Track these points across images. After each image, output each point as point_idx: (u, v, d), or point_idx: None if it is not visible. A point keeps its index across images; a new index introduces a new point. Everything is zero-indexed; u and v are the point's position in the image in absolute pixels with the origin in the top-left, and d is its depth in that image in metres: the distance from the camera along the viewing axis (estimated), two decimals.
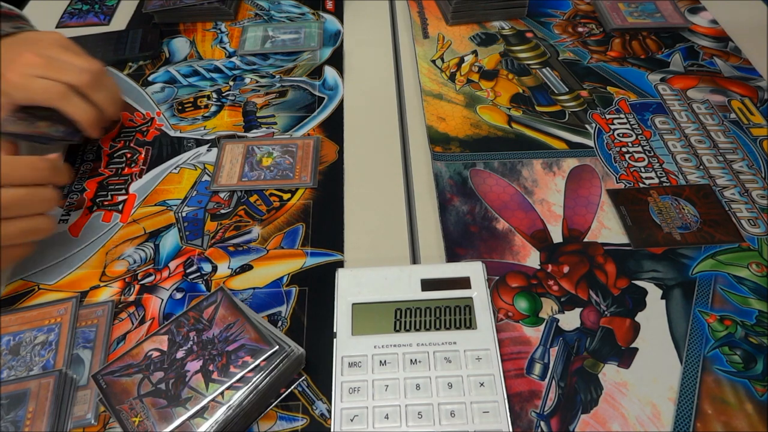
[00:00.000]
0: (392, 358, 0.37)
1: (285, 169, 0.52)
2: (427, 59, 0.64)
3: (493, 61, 0.64)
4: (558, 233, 0.46)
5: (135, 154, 0.54)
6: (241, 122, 0.57)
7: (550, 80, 0.61)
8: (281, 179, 0.51)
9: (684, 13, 0.70)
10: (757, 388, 0.37)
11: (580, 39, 0.67)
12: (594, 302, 0.42)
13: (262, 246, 0.46)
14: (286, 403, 0.37)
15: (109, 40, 0.67)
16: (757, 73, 0.61)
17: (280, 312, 0.42)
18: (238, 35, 0.68)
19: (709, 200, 0.48)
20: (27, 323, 0.41)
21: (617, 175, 0.51)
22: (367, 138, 0.56)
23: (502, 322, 0.41)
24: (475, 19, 0.70)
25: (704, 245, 0.45)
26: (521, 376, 0.38)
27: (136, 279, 0.44)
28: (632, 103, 0.58)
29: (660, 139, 0.54)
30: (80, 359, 0.39)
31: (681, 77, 0.61)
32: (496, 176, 0.51)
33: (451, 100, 0.59)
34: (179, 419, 0.33)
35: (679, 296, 0.42)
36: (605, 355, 0.39)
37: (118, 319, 0.41)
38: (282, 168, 0.52)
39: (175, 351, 0.36)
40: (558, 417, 0.36)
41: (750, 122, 0.56)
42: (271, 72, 0.63)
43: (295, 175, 0.51)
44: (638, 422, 0.36)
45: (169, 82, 0.62)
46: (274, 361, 0.35)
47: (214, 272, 0.44)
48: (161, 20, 0.70)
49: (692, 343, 0.40)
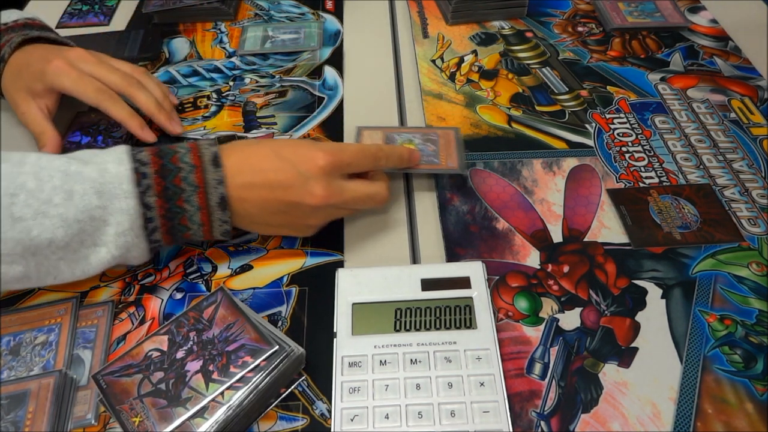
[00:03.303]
0: (392, 358, 0.37)
1: (429, 155, 0.49)
2: (427, 59, 0.64)
3: (493, 61, 0.64)
4: (558, 233, 0.46)
5: None
6: (241, 122, 0.57)
7: (550, 80, 0.61)
8: (427, 164, 0.48)
9: (684, 13, 0.70)
10: (758, 387, 0.37)
11: (580, 38, 0.67)
12: (594, 302, 0.42)
13: (262, 246, 0.46)
14: (286, 403, 0.37)
15: (110, 41, 0.67)
16: (757, 72, 0.61)
17: (280, 312, 0.42)
18: (237, 35, 0.68)
19: (709, 200, 0.48)
20: (27, 323, 0.41)
21: (617, 174, 0.51)
22: None
23: (502, 322, 0.41)
24: (474, 19, 0.70)
25: (704, 245, 0.45)
26: (521, 376, 0.38)
27: (136, 279, 0.44)
28: (632, 103, 0.58)
29: (660, 138, 0.54)
30: (80, 359, 0.39)
31: (681, 77, 0.61)
32: (496, 176, 0.51)
33: (451, 99, 0.59)
34: (179, 419, 0.33)
35: (679, 296, 0.42)
36: (605, 354, 0.39)
37: (118, 320, 0.41)
38: (426, 154, 0.49)
39: (175, 351, 0.36)
40: (558, 417, 0.36)
41: (750, 122, 0.56)
42: (271, 72, 0.63)
43: (441, 161, 0.48)
44: (638, 422, 0.36)
45: (168, 82, 0.62)
46: (274, 361, 0.35)
47: (214, 272, 0.44)
48: (161, 20, 0.70)
49: (692, 343, 0.40)
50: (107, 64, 0.53)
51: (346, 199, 0.42)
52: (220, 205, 0.39)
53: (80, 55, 0.51)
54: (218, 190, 0.39)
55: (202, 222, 0.39)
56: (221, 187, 0.39)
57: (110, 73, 0.52)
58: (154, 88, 0.55)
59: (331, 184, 0.41)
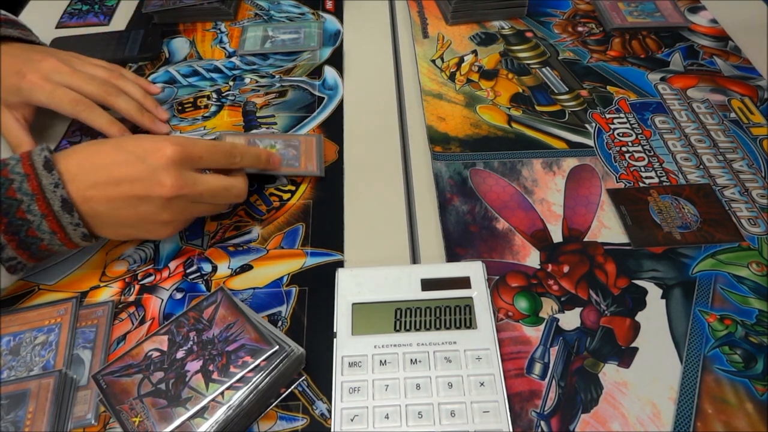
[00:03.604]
0: (392, 358, 0.37)
1: (289, 159, 0.51)
2: (426, 59, 0.64)
3: (493, 61, 0.64)
4: (558, 233, 0.46)
5: None
6: (241, 122, 0.57)
7: (550, 80, 0.61)
8: (287, 167, 0.51)
9: (684, 13, 0.70)
10: (758, 387, 0.37)
11: (579, 38, 0.67)
12: (594, 302, 0.42)
13: (262, 246, 0.46)
14: (286, 403, 0.37)
15: (110, 41, 0.67)
16: (757, 72, 0.61)
17: (280, 312, 0.42)
18: (237, 35, 0.68)
19: (709, 200, 0.48)
20: (27, 323, 0.41)
21: (617, 174, 0.51)
22: (367, 138, 0.56)
23: (502, 322, 0.41)
24: (474, 19, 0.70)
25: (704, 245, 0.45)
26: (521, 376, 0.38)
27: (136, 279, 0.44)
28: (632, 103, 0.58)
29: (660, 138, 0.54)
30: (80, 359, 0.39)
31: (681, 77, 0.61)
32: (496, 176, 0.51)
33: (451, 99, 0.59)
34: (179, 419, 0.33)
35: (679, 296, 0.42)
36: (605, 354, 0.39)
37: (118, 320, 0.41)
38: (287, 158, 0.51)
39: (175, 351, 0.36)
40: (558, 417, 0.36)
41: (750, 121, 0.56)
42: (271, 72, 0.63)
43: (301, 165, 0.51)
44: (638, 422, 0.36)
45: (168, 82, 0.62)
46: (274, 361, 0.35)
47: (214, 272, 0.44)
48: (161, 20, 0.70)
49: (692, 343, 0.40)
50: (82, 72, 0.51)
51: (200, 190, 0.41)
52: (65, 208, 0.38)
53: (54, 66, 0.50)
54: (57, 194, 0.37)
55: (53, 230, 0.38)
56: (60, 189, 0.37)
57: (86, 83, 0.51)
58: (132, 90, 0.54)
59: (182, 174, 0.40)
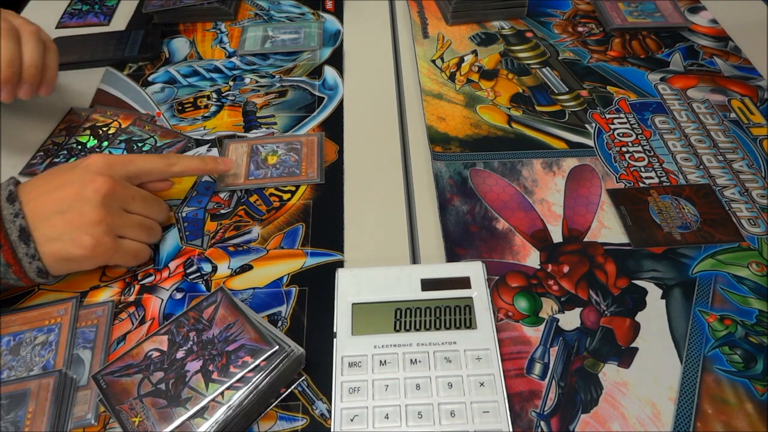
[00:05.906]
0: (392, 358, 0.37)
1: (291, 166, 0.52)
2: (427, 59, 0.64)
3: (493, 61, 0.64)
4: (558, 233, 0.46)
5: None
6: (241, 122, 0.57)
7: (550, 80, 0.61)
8: (288, 176, 0.51)
9: (684, 13, 0.70)
10: (758, 387, 0.37)
11: (580, 39, 0.67)
12: (594, 302, 0.42)
13: (262, 246, 0.46)
14: (286, 403, 0.37)
15: (110, 41, 0.67)
16: (757, 72, 0.61)
17: (280, 312, 0.42)
18: (237, 35, 0.68)
19: (709, 200, 0.48)
20: (27, 323, 0.41)
21: (617, 174, 0.51)
22: (367, 138, 0.56)
23: (502, 322, 0.41)
24: (474, 19, 0.70)
25: (704, 245, 0.45)
26: (521, 376, 0.38)
27: (136, 279, 0.44)
28: (632, 103, 0.58)
29: (660, 138, 0.54)
30: (80, 359, 0.39)
31: (681, 77, 0.61)
32: (496, 176, 0.51)
33: (451, 99, 0.59)
34: (179, 419, 0.33)
35: (679, 296, 0.42)
36: (605, 354, 0.39)
37: (118, 320, 0.41)
38: (288, 165, 0.52)
39: (175, 351, 0.36)
40: (558, 417, 0.36)
41: (750, 122, 0.56)
42: (271, 72, 0.63)
43: (301, 172, 0.51)
44: (638, 422, 0.36)
45: (169, 82, 0.62)
46: (274, 361, 0.35)
47: (214, 272, 0.44)
48: (161, 20, 0.70)
49: (692, 343, 0.40)
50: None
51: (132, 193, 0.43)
52: (21, 237, 0.38)
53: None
54: (17, 223, 0.38)
55: (8, 262, 0.38)
56: (19, 219, 0.38)
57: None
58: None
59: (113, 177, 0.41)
